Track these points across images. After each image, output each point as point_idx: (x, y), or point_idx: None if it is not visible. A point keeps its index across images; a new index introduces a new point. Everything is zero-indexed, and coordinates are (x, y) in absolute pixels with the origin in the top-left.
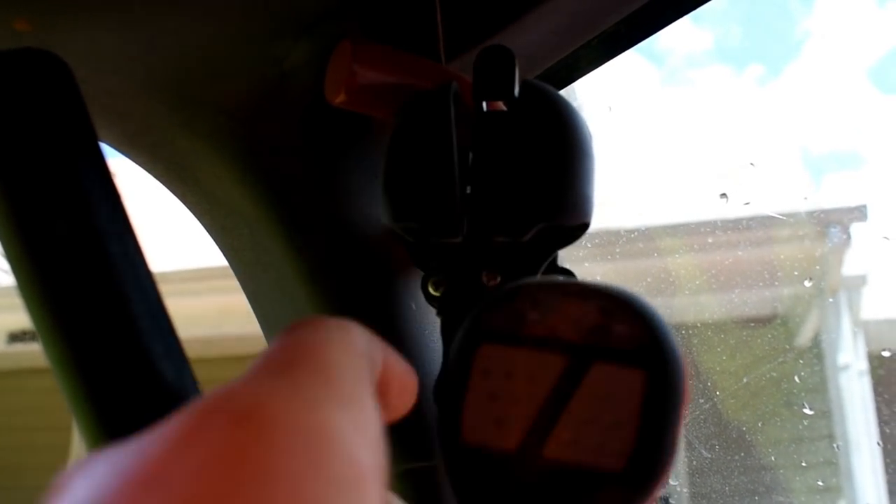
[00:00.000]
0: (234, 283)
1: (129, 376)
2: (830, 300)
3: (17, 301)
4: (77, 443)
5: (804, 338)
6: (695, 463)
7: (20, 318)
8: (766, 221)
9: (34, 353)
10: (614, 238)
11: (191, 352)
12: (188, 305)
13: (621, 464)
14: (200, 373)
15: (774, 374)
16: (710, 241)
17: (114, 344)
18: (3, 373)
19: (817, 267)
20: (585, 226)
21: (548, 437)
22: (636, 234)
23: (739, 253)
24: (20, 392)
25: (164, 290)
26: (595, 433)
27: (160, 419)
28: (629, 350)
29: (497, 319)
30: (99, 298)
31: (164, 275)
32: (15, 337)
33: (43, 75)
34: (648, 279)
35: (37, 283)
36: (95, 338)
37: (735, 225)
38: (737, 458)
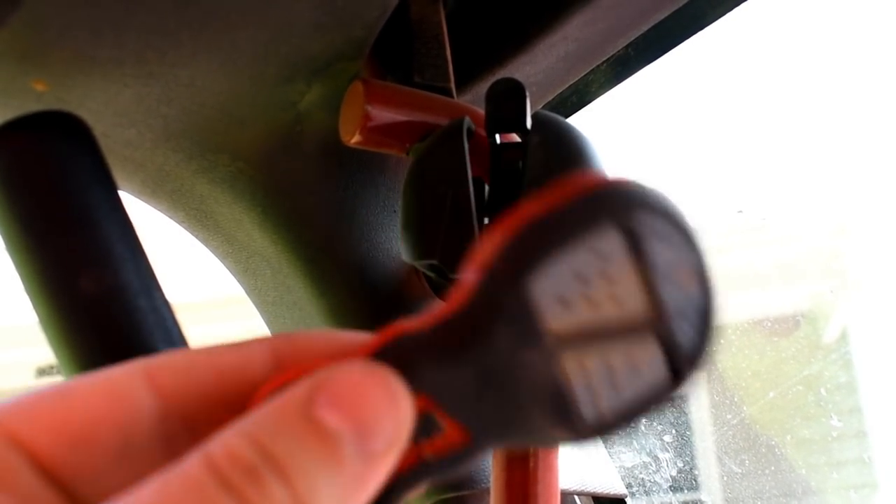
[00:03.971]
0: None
1: None
2: (855, 297)
3: (44, 336)
4: None
5: (830, 337)
6: (725, 478)
7: (47, 353)
8: (783, 219)
9: None
10: None
11: None
12: (209, 333)
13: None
14: None
15: (802, 378)
16: (727, 242)
17: None
18: None
19: (839, 264)
20: None
21: (571, 352)
22: None
23: (759, 254)
24: None
25: (190, 318)
26: (605, 389)
27: None
28: (677, 351)
29: (643, 221)
30: (129, 353)
31: (189, 305)
32: (43, 371)
33: (63, 136)
34: None
35: (68, 340)
36: None
37: (752, 225)
38: (768, 471)
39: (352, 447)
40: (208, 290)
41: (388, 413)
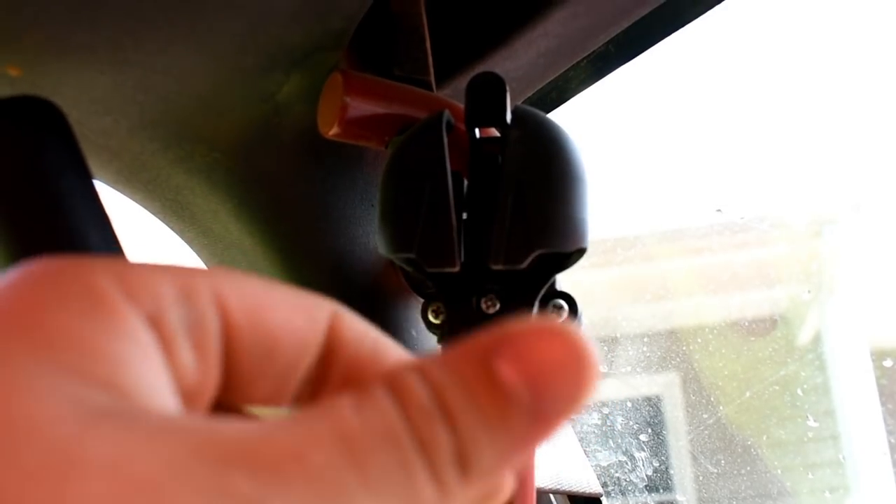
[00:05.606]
0: None
1: None
2: (830, 300)
3: None
4: None
5: (805, 339)
6: (701, 478)
7: None
8: (760, 222)
9: None
10: (611, 245)
11: None
12: None
13: None
14: None
15: (778, 378)
16: (705, 244)
17: None
18: None
19: (815, 267)
20: (583, 250)
21: None
22: (632, 240)
23: (736, 256)
24: None
25: None
26: None
27: None
28: None
29: None
30: None
31: None
32: None
33: (37, 121)
34: (647, 285)
35: None
36: None
37: (730, 227)
38: (744, 471)
39: (523, 405)
40: None
41: (568, 374)
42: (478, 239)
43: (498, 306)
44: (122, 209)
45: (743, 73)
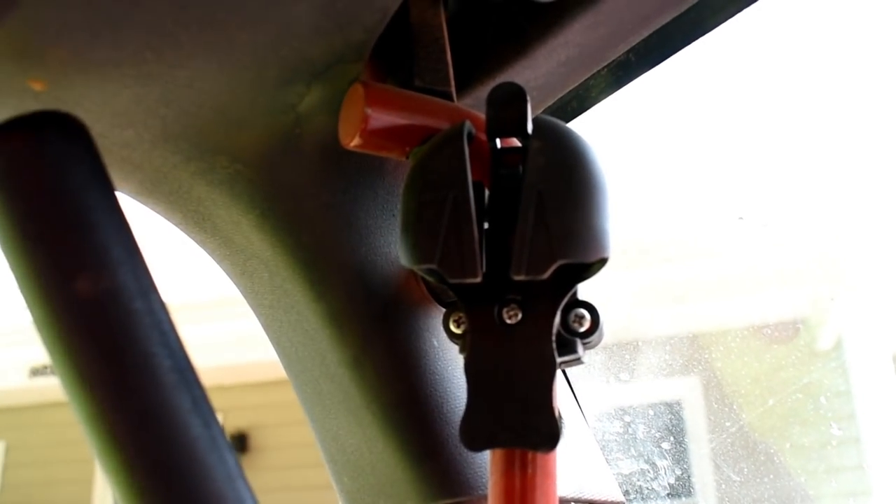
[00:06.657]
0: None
1: (157, 431)
2: (852, 306)
3: (39, 338)
4: (100, 476)
5: (827, 345)
6: (723, 485)
7: (41, 353)
8: (783, 228)
9: (56, 386)
10: (634, 251)
11: (210, 380)
12: (208, 334)
13: None
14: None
15: (801, 386)
16: (728, 250)
17: (142, 400)
18: (25, 407)
19: (837, 273)
20: (604, 260)
21: None
22: (654, 245)
23: (758, 261)
24: (43, 426)
25: (184, 318)
26: None
27: (188, 471)
28: None
29: None
30: (125, 356)
31: (184, 305)
32: (37, 371)
33: (60, 136)
34: (669, 291)
35: (63, 343)
36: (123, 395)
37: (753, 233)
38: (766, 478)
39: None
40: (204, 291)
41: None
42: (499, 249)
43: (519, 316)
44: (143, 219)
45: (765, 79)
